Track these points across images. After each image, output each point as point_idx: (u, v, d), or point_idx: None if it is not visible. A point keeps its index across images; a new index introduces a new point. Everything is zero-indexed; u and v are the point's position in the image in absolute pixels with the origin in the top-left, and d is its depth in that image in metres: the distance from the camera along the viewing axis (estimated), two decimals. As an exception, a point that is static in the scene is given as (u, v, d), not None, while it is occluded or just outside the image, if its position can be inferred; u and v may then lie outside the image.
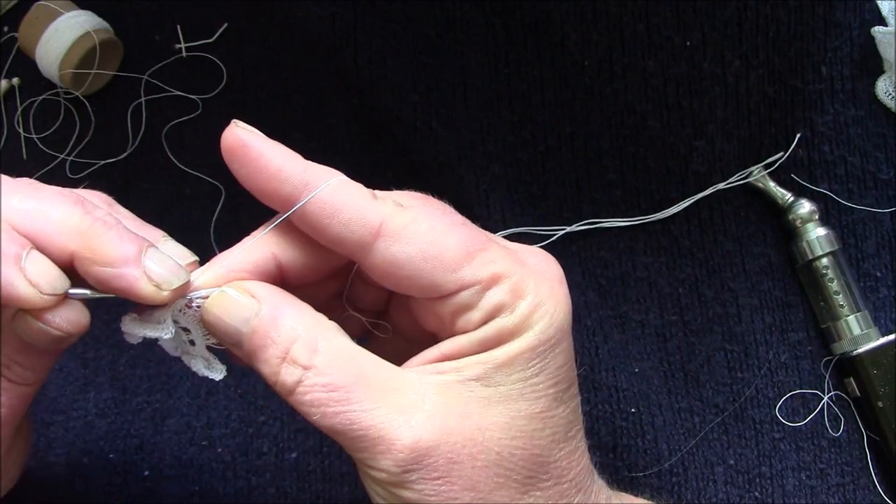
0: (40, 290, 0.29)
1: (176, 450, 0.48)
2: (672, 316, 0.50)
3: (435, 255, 0.31)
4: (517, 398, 0.31)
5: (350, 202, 0.31)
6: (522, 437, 0.31)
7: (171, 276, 0.31)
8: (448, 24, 0.49)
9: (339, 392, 0.30)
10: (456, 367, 0.31)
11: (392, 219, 0.31)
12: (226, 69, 0.52)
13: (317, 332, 0.31)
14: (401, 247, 0.31)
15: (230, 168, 0.32)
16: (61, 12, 0.50)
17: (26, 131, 0.53)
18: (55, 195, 0.31)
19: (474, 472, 0.30)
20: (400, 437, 0.29)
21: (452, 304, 0.31)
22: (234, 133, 0.31)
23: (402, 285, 0.32)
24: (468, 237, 0.32)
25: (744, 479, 0.48)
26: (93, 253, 0.30)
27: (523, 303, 0.31)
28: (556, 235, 0.50)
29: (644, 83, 0.49)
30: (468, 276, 0.31)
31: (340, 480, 0.48)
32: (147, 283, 0.30)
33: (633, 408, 0.47)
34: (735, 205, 0.51)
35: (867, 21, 0.50)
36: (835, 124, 0.50)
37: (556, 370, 0.32)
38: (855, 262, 0.51)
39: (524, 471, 0.31)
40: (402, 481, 0.30)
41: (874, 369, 0.48)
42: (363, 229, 0.31)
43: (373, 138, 0.51)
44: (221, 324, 0.31)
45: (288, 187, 0.31)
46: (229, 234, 0.33)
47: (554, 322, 0.32)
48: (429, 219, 0.32)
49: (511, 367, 0.31)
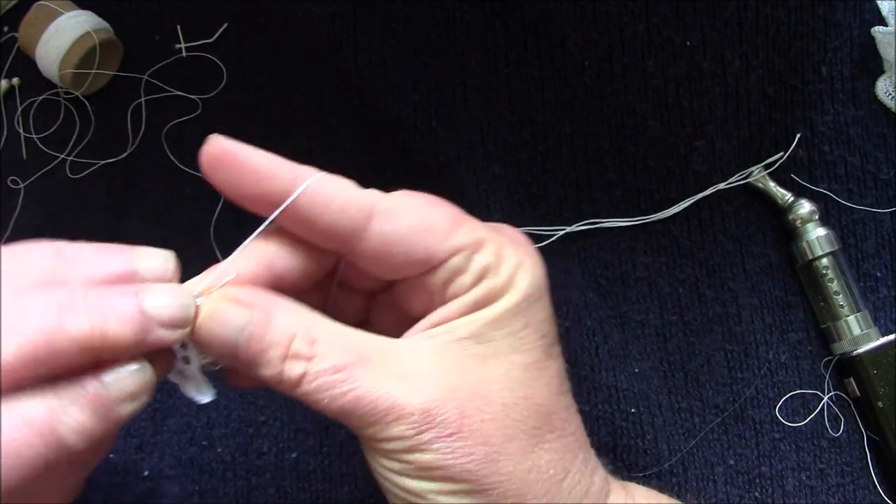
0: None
1: (176, 450, 0.48)
2: (672, 316, 0.50)
3: (426, 226, 0.33)
4: (510, 351, 0.33)
5: (341, 190, 0.32)
6: (522, 387, 0.32)
7: (181, 311, 0.30)
8: (448, 24, 0.49)
9: (342, 372, 0.31)
10: (449, 328, 0.33)
11: (382, 200, 0.33)
12: (226, 69, 0.52)
13: (312, 322, 0.32)
14: (395, 223, 0.32)
15: (214, 180, 0.32)
16: (61, 12, 0.50)
17: (26, 131, 0.53)
18: (40, 313, 0.28)
19: (484, 426, 0.31)
20: (409, 401, 0.30)
21: (445, 270, 0.33)
22: (216, 144, 0.32)
23: (396, 263, 0.33)
24: (451, 211, 0.34)
25: (744, 480, 0.49)
26: (113, 351, 0.29)
27: (506, 263, 0.33)
28: (556, 235, 0.50)
29: (644, 83, 0.49)
30: (457, 241, 0.33)
31: (340, 480, 0.48)
32: (170, 332, 0.30)
33: (633, 408, 0.47)
34: (735, 205, 0.51)
35: (867, 21, 0.50)
36: (835, 124, 0.50)
37: (541, 323, 0.34)
38: (855, 262, 0.51)
39: (531, 420, 0.32)
40: (417, 444, 0.30)
41: (874, 369, 0.48)
42: (359, 212, 0.32)
43: (373, 138, 0.51)
44: (217, 338, 0.31)
45: (279, 185, 0.32)
46: (229, 234, 0.33)
47: (534, 280, 0.34)
48: (414, 198, 0.33)
49: (500, 322, 0.33)
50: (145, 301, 0.29)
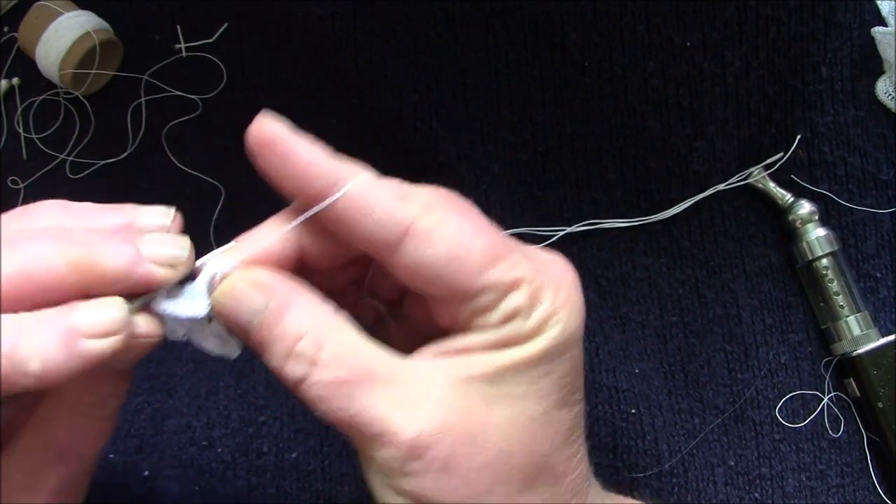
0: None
1: (176, 450, 0.48)
2: (672, 317, 0.50)
3: (461, 257, 0.31)
4: (521, 399, 0.31)
5: (380, 203, 0.31)
6: (524, 438, 0.31)
7: (175, 250, 0.31)
8: (448, 24, 0.49)
9: (343, 387, 0.30)
10: (465, 362, 0.31)
11: (420, 220, 0.31)
12: (226, 69, 0.52)
13: (324, 326, 0.31)
14: (428, 248, 0.31)
15: (256, 161, 0.31)
16: (61, 12, 0.50)
17: (26, 131, 0.53)
18: (36, 238, 0.29)
19: (472, 469, 0.30)
20: (403, 429, 0.30)
21: (472, 305, 0.31)
22: (263, 126, 0.31)
23: (425, 286, 0.32)
24: (493, 241, 0.32)
25: (744, 481, 0.48)
26: (102, 278, 0.29)
27: (540, 308, 0.31)
28: (556, 236, 0.50)
29: (644, 83, 0.49)
30: (491, 279, 0.31)
31: (340, 480, 0.48)
32: (161, 269, 0.30)
33: (634, 409, 0.47)
34: (735, 205, 0.51)
35: (867, 21, 0.50)
36: (835, 125, 0.50)
37: (563, 376, 0.32)
38: (855, 262, 0.51)
39: (522, 472, 0.31)
40: (403, 472, 0.30)
41: (874, 370, 0.48)
42: (393, 230, 0.31)
43: (373, 138, 0.51)
44: (232, 314, 0.31)
45: (318, 184, 0.31)
46: (229, 233, 0.33)
47: (566, 329, 0.32)
48: (456, 221, 0.31)
49: (519, 369, 0.31)
50: (141, 240, 0.31)
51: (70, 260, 0.29)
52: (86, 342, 0.28)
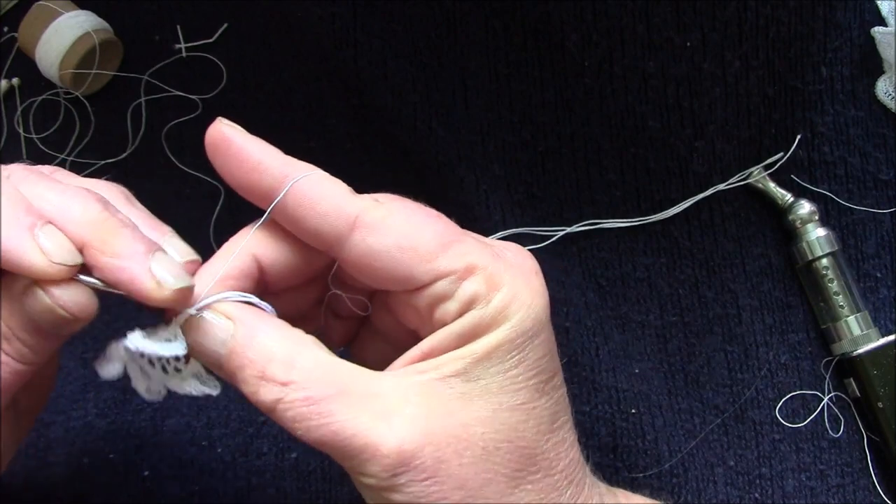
0: (51, 258, 0.30)
1: (176, 450, 0.48)
2: (672, 317, 0.50)
3: (410, 245, 0.31)
4: (497, 391, 0.31)
5: (328, 194, 0.32)
6: (506, 430, 0.31)
7: (173, 276, 0.31)
8: (448, 24, 0.49)
9: (319, 405, 0.30)
10: (436, 364, 0.31)
11: (368, 211, 0.32)
12: (226, 69, 0.52)
13: (293, 347, 0.31)
14: (377, 238, 0.31)
15: (213, 163, 0.33)
16: (61, 12, 0.50)
17: (26, 131, 0.53)
18: (79, 190, 0.32)
19: (461, 470, 0.30)
20: (384, 442, 0.29)
21: (428, 295, 0.32)
22: (216, 129, 0.32)
23: (378, 277, 0.32)
24: (443, 229, 0.32)
25: (744, 481, 0.48)
26: (103, 244, 0.30)
27: (499, 294, 0.31)
28: (556, 236, 0.50)
29: (644, 84, 0.49)
30: (443, 266, 0.31)
31: (340, 480, 0.48)
32: (149, 279, 0.30)
33: (634, 408, 0.47)
34: (735, 205, 0.51)
35: (867, 21, 0.50)
36: (835, 125, 0.50)
37: (536, 361, 0.32)
38: (855, 262, 0.51)
39: (512, 464, 0.31)
40: (392, 485, 0.30)
41: (874, 370, 0.48)
42: (340, 221, 0.31)
43: (373, 138, 0.51)
44: (202, 347, 0.32)
45: (268, 179, 0.32)
46: (229, 234, 0.33)
47: (531, 313, 0.32)
48: (404, 211, 0.32)
49: (489, 360, 0.31)
50: (155, 255, 0.31)
51: (94, 222, 0.31)
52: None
